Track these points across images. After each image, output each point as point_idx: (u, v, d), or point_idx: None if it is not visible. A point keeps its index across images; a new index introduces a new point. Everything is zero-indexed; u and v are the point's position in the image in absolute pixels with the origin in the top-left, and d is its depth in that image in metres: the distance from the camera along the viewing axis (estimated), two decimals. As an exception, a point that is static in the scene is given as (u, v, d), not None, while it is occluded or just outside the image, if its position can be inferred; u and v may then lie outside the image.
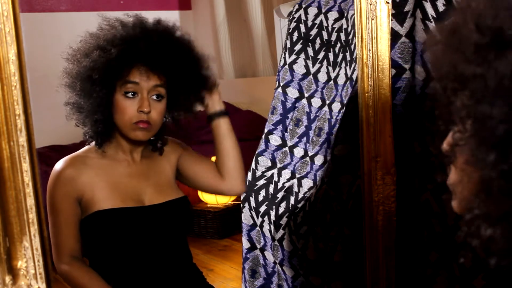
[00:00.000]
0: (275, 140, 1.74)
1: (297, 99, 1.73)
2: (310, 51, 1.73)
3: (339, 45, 1.65)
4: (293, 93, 1.73)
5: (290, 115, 1.73)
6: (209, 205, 3.38)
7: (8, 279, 0.81)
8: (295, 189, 1.64)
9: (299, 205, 1.59)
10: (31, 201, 0.81)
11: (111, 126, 1.35)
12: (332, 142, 1.53)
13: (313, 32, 1.73)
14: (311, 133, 1.67)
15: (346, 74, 1.59)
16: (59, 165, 1.34)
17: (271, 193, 1.68)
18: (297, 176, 1.66)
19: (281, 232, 1.60)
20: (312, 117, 1.69)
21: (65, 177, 1.31)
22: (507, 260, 0.55)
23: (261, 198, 1.70)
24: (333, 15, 1.68)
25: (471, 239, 0.57)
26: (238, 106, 4.05)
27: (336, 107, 1.60)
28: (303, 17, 1.75)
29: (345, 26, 1.62)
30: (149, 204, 1.36)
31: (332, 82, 1.66)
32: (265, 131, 1.77)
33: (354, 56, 1.51)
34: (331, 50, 1.68)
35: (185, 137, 1.55)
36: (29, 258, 0.82)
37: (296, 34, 1.76)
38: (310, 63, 1.73)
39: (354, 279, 1.41)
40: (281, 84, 1.76)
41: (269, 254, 1.69)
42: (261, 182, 1.72)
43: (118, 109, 1.31)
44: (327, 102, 1.65)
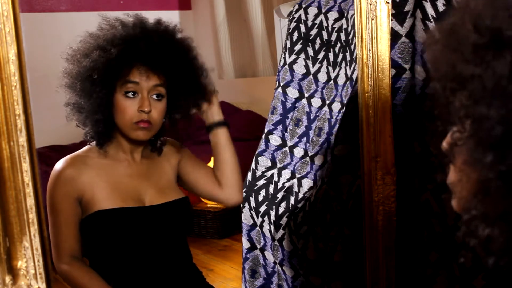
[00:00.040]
0: (275, 140, 1.74)
1: (297, 99, 1.73)
2: (310, 51, 1.73)
3: (339, 45, 1.65)
4: (293, 93, 1.73)
5: (290, 115, 1.73)
6: (209, 205, 3.38)
7: (8, 279, 0.81)
8: (295, 189, 1.63)
9: (299, 205, 1.58)
10: (31, 201, 0.81)
11: (111, 126, 1.35)
12: (332, 142, 1.53)
13: (313, 32, 1.73)
14: (311, 133, 1.67)
15: (346, 74, 1.59)
16: (59, 165, 1.34)
17: (271, 193, 1.68)
18: (297, 176, 1.66)
19: (281, 232, 1.60)
20: (312, 117, 1.69)
21: (65, 177, 1.31)
22: (505, 259, 0.55)
23: (261, 198, 1.70)
24: (333, 15, 1.68)
25: (469, 239, 0.57)
26: (238, 106, 4.05)
27: (336, 107, 1.60)
28: (303, 17, 1.75)
29: (345, 26, 1.62)
30: (150, 204, 1.37)
31: (332, 82, 1.66)
32: (265, 131, 1.76)
33: (354, 56, 1.51)
34: (331, 50, 1.68)
35: (185, 137, 1.55)
36: (29, 258, 0.82)
37: (296, 34, 1.76)
38: (310, 63, 1.73)
39: (354, 279, 1.41)
40: (281, 84, 1.75)
41: (269, 254, 1.69)
42: (261, 182, 1.72)
43: (118, 109, 1.31)
44: (327, 102, 1.65)
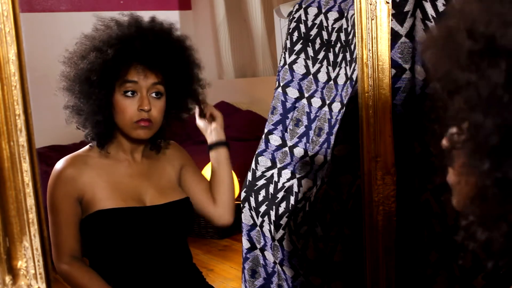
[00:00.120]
0: (275, 140, 1.74)
1: (297, 99, 1.73)
2: (310, 51, 1.73)
3: (339, 45, 1.65)
4: (293, 93, 1.73)
5: (290, 115, 1.73)
6: (209, 205, 3.38)
7: (8, 279, 0.81)
8: (295, 189, 1.63)
9: (299, 205, 1.58)
10: (31, 201, 0.81)
11: (112, 126, 1.35)
12: (332, 142, 1.53)
13: (313, 32, 1.73)
14: (311, 133, 1.67)
15: (346, 74, 1.58)
16: (60, 164, 1.34)
17: (271, 193, 1.68)
18: (297, 176, 1.66)
19: (281, 232, 1.60)
20: (312, 117, 1.69)
21: (65, 177, 1.31)
22: (504, 260, 0.55)
23: (261, 198, 1.70)
24: (333, 15, 1.68)
25: (468, 243, 0.57)
26: (238, 106, 4.04)
27: (336, 107, 1.60)
28: (303, 17, 1.75)
29: (345, 26, 1.62)
30: (150, 204, 1.36)
31: (332, 82, 1.66)
32: (265, 131, 1.76)
33: (354, 56, 1.51)
34: (331, 50, 1.68)
35: (185, 137, 1.55)
36: (29, 258, 0.82)
37: (296, 34, 1.76)
38: (310, 63, 1.73)
39: (354, 279, 1.41)
40: (281, 84, 1.75)
41: (269, 254, 1.69)
42: (261, 182, 1.72)
43: (118, 109, 1.31)
44: (327, 102, 1.65)
